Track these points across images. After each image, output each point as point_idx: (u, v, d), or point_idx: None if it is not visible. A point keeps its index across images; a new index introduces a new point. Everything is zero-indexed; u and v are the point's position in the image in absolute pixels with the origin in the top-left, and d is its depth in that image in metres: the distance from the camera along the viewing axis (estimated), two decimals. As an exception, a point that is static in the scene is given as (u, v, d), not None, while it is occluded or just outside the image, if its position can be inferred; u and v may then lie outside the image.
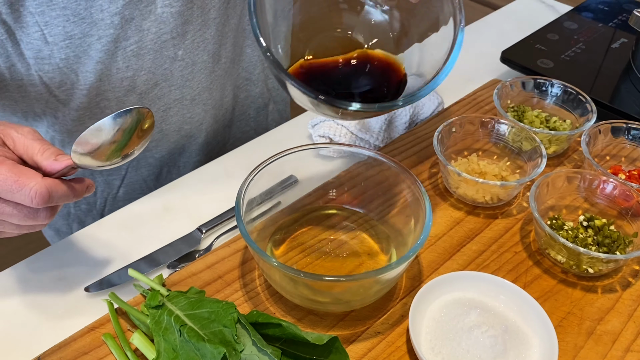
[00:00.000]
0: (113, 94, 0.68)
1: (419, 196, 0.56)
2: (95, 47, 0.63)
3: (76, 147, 0.47)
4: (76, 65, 0.64)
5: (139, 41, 0.65)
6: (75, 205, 0.82)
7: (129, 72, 0.67)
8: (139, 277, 0.54)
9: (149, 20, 0.64)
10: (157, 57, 0.67)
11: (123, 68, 0.66)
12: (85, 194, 0.49)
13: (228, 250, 0.60)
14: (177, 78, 0.71)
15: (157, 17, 0.64)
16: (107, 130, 0.47)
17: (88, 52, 0.63)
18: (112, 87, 0.67)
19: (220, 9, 0.70)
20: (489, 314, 0.52)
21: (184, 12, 0.66)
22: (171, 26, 0.66)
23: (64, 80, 0.65)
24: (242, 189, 0.54)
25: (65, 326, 0.54)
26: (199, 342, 0.45)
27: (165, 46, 0.67)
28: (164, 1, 0.64)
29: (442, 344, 0.50)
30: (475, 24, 1.03)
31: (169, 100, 0.73)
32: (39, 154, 0.48)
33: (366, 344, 0.52)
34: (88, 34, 0.62)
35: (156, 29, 0.65)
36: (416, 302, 0.52)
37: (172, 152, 0.79)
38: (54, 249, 0.62)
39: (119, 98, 0.69)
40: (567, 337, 0.53)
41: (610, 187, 0.62)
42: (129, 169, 0.79)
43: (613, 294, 0.57)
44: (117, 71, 0.66)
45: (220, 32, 0.72)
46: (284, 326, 0.46)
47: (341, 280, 0.49)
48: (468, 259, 0.60)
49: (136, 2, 0.62)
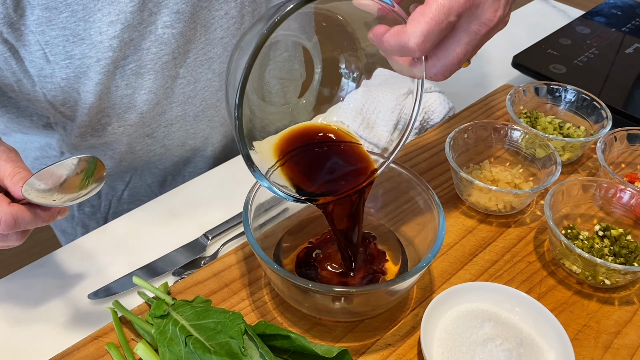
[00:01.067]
0: (114, 111, 0.67)
1: (432, 205, 0.54)
2: (94, 69, 0.62)
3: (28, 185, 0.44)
4: (77, 84, 0.63)
5: (138, 60, 0.63)
6: (79, 208, 0.81)
7: (129, 90, 0.66)
8: (143, 285, 0.52)
9: (149, 40, 0.63)
10: (157, 77, 0.66)
11: (122, 86, 0.65)
12: (57, 218, 0.48)
13: (234, 257, 0.58)
14: (178, 95, 0.70)
15: (158, 37, 0.63)
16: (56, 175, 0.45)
17: (87, 73, 0.62)
18: (112, 104, 0.66)
19: (230, 29, 0.69)
20: (504, 327, 0.51)
21: (186, 33, 0.65)
22: (172, 47, 0.64)
23: (66, 98, 0.65)
24: (250, 196, 0.53)
25: (68, 334, 0.53)
26: (204, 353, 0.44)
27: (167, 66, 0.66)
28: (164, 22, 0.62)
29: (455, 357, 0.49)
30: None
31: (170, 117, 0.71)
32: (9, 178, 0.46)
33: (376, 356, 0.50)
34: (87, 55, 0.61)
35: (156, 49, 0.64)
36: (428, 314, 0.50)
37: (176, 164, 0.78)
38: (58, 255, 0.61)
39: (120, 115, 0.68)
40: (584, 351, 0.52)
41: (627, 196, 0.60)
42: (133, 177, 0.78)
43: (630, 306, 0.56)
44: (117, 89, 0.65)
45: (229, 51, 0.71)
46: (292, 338, 0.45)
47: (351, 292, 0.48)
48: (481, 268, 0.58)
49: (136, 25, 0.60)
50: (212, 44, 0.68)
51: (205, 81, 0.71)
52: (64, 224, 0.84)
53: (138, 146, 0.73)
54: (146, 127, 0.71)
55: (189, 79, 0.69)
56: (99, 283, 0.57)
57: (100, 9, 0.58)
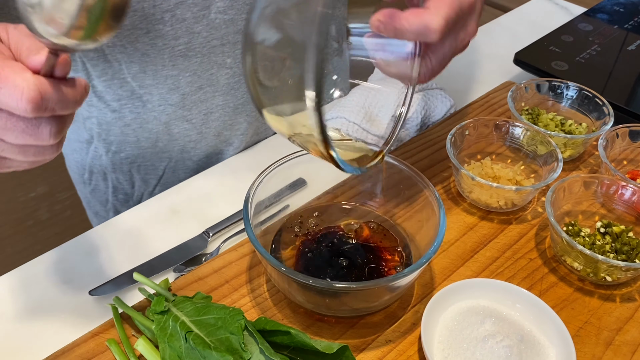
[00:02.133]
0: (156, 89, 0.68)
1: (433, 202, 0.54)
2: (142, 40, 0.62)
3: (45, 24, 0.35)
4: (121, 55, 0.63)
5: (188, 42, 0.64)
6: (114, 194, 0.82)
7: (174, 71, 0.66)
8: (144, 281, 0.52)
9: (201, 24, 0.63)
10: (204, 61, 0.67)
11: (169, 66, 0.66)
12: (84, 96, 0.40)
13: (235, 254, 0.58)
14: (222, 85, 0.70)
15: (210, 22, 0.64)
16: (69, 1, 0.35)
17: (135, 44, 0.62)
18: (156, 82, 0.67)
19: None
20: (504, 323, 0.51)
21: (237, 21, 0.65)
22: (222, 32, 0.65)
23: (105, 69, 0.65)
24: (250, 192, 0.53)
25: (68, 330, 0.53)
26: (205, 349, 0.44)
27: (214, 52, 0.66)
28: (218, 7, 0.63)
29: (456, 354, 0.49)
30: (487, 26, 1.02)
31: (211, 105, 0.72)
32: (26, 50, 0.38)
33: (376, 353, 0.50)
34: (137, 26, 0.61)
35: (207, 34, 0.64)
36: (429, 310, 0.50)
37: (209, 156, 0.78)
38: (59, 252, 0.61)
39: (162, 95, 0.68)
40: (585, 348, 0.51)
41: (629, 193, 0.60)
42: (167, 170, 0.78)
43: (632, 303, 0.55)
44: (163, 68, 0.66)
45: None
46: (292, 334, 0.45)
47: (352, 288, 0.48)
48: (482, 265, 0.58)
49: (190, 4, 0.61)
50: None
51: None
52: (98, 207, 0.85)
53: (176, 128, 0.73)
54: (186, 111, 0.71)
55: (235, 69, 0.69)
56: (100, 279, 0.57)
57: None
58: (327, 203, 0.62)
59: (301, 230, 0.58)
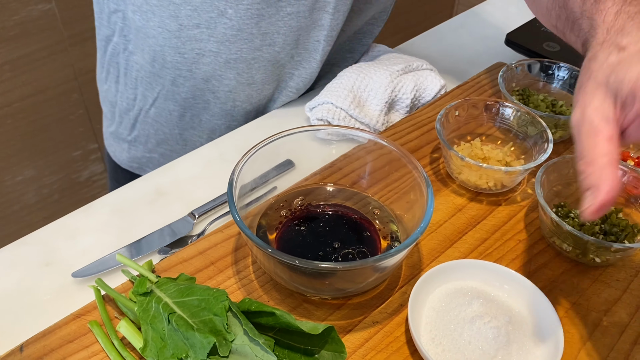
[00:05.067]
0: (159, 10, 0.69)
1: (421, 182, 0.53)
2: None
3: None
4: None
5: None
6: (120, 98, 0.84)
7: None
8: (127, 262, 0.51)
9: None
10: (206, 1, 0.67)
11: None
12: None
13: (221, 235, 0.57)
14: (219, 33, 0.70)
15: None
16: None
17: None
18: (160, 4, 0.68)
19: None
20: (492, 304, 0.50)
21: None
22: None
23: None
24: (235, 172, 0.52)
25: (51, 313, 0.52)
26: (187, 331, 0.43)
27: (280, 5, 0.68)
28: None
29: (443, 335, 0.48)
30: (479, 7, 1.00)
31: (204, 48, 0.72)
32: None
33: (363, 334, 0.50)
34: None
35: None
36: (416, 291, 0.49)
37: (197, 98, 0.78)
38: (42, 233, 0.60)
39: (162, 19, 0.69)
40: (573, 329, 0.51)
41: (619, 174, 0.60)
42: (160, 95, 0.79)
43: (620, 284, 0.55)
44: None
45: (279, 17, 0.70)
46: (277, 315, 0.44)
47: (338, 268, 0.47)
48: (470, 246, 0.58)
49: None
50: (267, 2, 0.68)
51: (248, 34, 0.70)
52: (108, 106, 0.88)
53: (169, 57, 0.74)
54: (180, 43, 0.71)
55: (234, 22, 0.69)
56: (84, 261, 0.57)
57: None
58: (314, 185, 0.61)
59: (288, 212, 0.57)
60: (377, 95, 0.73)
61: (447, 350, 0.47)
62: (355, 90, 0.73)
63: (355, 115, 0.72)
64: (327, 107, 0.72)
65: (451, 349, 0.47)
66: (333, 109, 0.72)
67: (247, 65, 0.74)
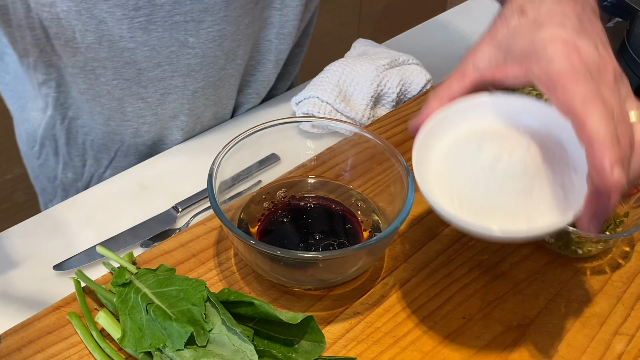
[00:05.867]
0: (111, 63, 0.64)
1: (403, 174, 0.53)
2: (100, 7, 0.58)
3: None
4: (76, 21, 0.60)
5: (150, 15, 0.61)
6: (63, 171, 0.79)
7: (132, 43, 0.62)
8: (107, 254, 0.51)
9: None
10: (164, 37, 0.63)
11: (127, 38, 0.62)
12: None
13: (203, 228, 0.57)
14: (182, 65, 0.67)
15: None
16: None
17: (92, 10, 0.59)
18: (112, 55, 0.63)
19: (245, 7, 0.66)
20: (501, 139, 0.43)
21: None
22: (186, 8, 0.62)
23: (59, 33, 0.61)
24: (215, 162, 0.52)
25: (32, 305, 0.52)
26: (165, 321, 0.43)
27: (177, 28, 0.63)
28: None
29: (468, 197, 0.42)
30: (467, 3, 1.01)
31: (169, 85, 0.68)
32: None
33: (344, 325, 0.50)
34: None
35: (170, 7, 0.61)
36: (417, 164, 0.43)
37: (163, 141, 0.75)
38: (23, 226, 0.60)
39: (117, 69, 0.65)
40: (554, 320, 0.51)
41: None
42: (118, 153, 0.76)
43: (602, 275, 0.55)
44: (120, 39, 0.62)
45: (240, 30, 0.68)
46: (256, 305, 0.44)
47: (318, 257, 0.47)
48: (453, 238, 0.57)
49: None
50: (227, 21, 0.65)
51: (213, 57, 0.68)
52: (45, 182, 0.82)
53: (129, 107, 0.69)
54: (141, 88, 0.68)
55: (197, 50, 0.66)
56: (65, 255, 0.56)
57: None
58: (298, 177, 0.61)
59: (270, 204, 0.57)
60: (362, 90, 0.73)
61: (479, 210, 0.42)
62: (341, 85, 0.73)
63: (341, 109, 0.72)
64: (312, 101, 0.72)
65: (482, 206, 0.42)
66: (319, 103, 0.72)
67: (214, 89, 0.71)
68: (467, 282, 0.54)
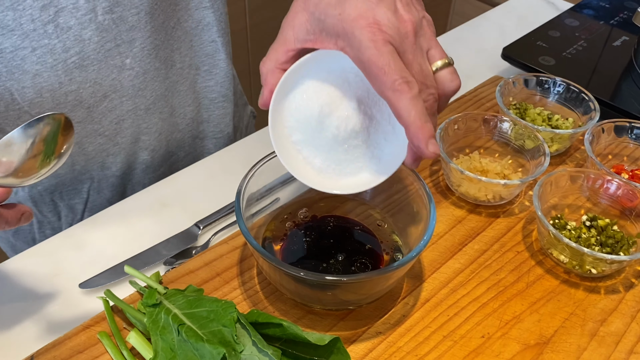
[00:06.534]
0: (58, 110, 0.62)
1: (423, 195, 0.55)
2: (30, 60, 0.58)
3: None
4: (9, 82, 0.59)
5: (80, 51, 0.60)
6: (40, 230, 0.78)
7: (73, 85, 0.61)
8: (135, 274, 0.52)
9: (89, 29, 0.59)
10: (102, 68, 0.62)
11: (66, 82, 0.61)
12: (20, 223, 0.45)
13: (226, 247, 0.58)
14: (127, 88, 0.66)
15: (98, 24, 0.59)
16: (18, 144, 0.42)
17: (23, 67, 0.58)
18: (57, 104, 0.62)
19: (167, 12, 0.66)
20: (336, 102, 0.48)
21: (127, 17, 0.61)
22: (114, 33, 0.61)
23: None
24: (242, 184, 0.53)
25: (59, 324, 0.53)
26: (197, 342, 0.44)
27: (111, 55, 0.62)
28: (103, 8, 0.59)
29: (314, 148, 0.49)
30: (475, 20, 1.02)
31: (121, 112, 0.68)
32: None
33: (367, 344, 0.51)
34: (20, 46, 0.56)
35: (98, 38, 0.60)
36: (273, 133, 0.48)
37: (132, 166, 0.75)
38: (48, 244, 0.61)
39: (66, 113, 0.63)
40: (570, 339, 0.52)
41: (614, 187, 0.61)
42: (91, 192, 0.75)
43: (616, 294, 0.57)
44: (60, 85, 0.61)
45: (170, 36, 0.68)
46: (284, 326, 0.45)
47: (343, 280, 0.48)
48: (470, 258, 0.59)
49: (71, 9, 0.57)
50: (156, 30, 0.65)
51: (154, 70, 0.68)
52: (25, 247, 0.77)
53: (89, 146, 0.69)
54: (96, 124, 0.67)
55: (137, 69, 0.66)
56: (90, 273, 0.57)
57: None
58: (317, 196, 0.63)
59: (292, 224, 0.59)
60: None
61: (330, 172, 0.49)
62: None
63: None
64: None
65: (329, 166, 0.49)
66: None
67: (165, 101, 0.71)
68: (485, 302, 0.55)
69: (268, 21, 1.73)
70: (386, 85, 0.42)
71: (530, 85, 0.76)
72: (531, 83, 0.76)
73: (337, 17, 0.43)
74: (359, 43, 0.42)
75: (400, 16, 0.43)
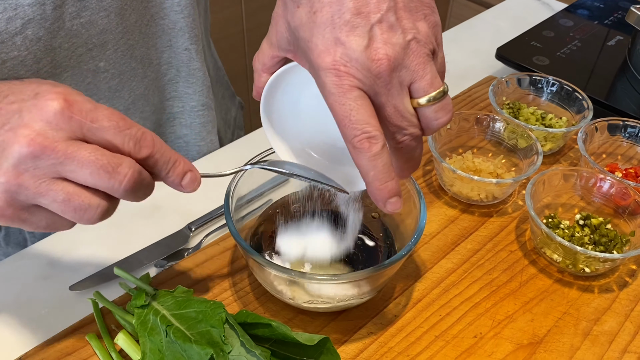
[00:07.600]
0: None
1: (413, 194, 0.54)
2: (1, 73, 0.56)
3: None
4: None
5: (53, 60, 0.59)
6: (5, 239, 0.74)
7: None
8: (124, 275, 0.52)
9: (59, 37, 0.58)
10: (76, 74, 0.61)
11: None
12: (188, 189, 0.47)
13: (217, 248, 0.58)
14: (104, 91, 0.65)
15: (67, 31, 0.58)
16: None
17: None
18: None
19: (139, 10, 0.64)
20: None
21: (97, 21, 0.60)
22: (84, 38, 0.60)
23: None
24: (231, 186, 0.53)
25: (49, 326, 0.52)
26: (185, 342, 0.43)
27: (83, 60, 0.61)
28: (70, 14, 0.57)
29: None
30: (470, 21, 1.02)
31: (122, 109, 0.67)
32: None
33: (358, 345, 0.51)
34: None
35: (68, 44, 0.59)
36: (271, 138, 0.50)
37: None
38: (38, 247, 0.61)
39: None
40: (564, 338, 0.52)
41: (607, 185, 0.61)
42: None
43: (610, 293, 0.56)
44: None
45: (145, 34, 0.67)
46: (273, 326, 0.45)
47: (332, 280, 0.48)
48: (463, 257, 0.59)
49: (39, 20, 0.55)
50: (129, 31, 0.64)
51: (130, 70, 0.67)
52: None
53: None
54: None
55: (112, 71, 0.65)
56: (80, 275, 0.57)
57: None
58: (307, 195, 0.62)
59: (283, 220, 0.58)
60: None
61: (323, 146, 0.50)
62: None
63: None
64: None
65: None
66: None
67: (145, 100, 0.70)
68: (477, 302, 0.54)
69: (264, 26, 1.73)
70: (347, 138, 0.39)
71: (524, 85, 0.76)
72: (524, 82, 0.76)
73: (306, 43, 0.40)
74: (322, 85, 0.39)
75: (374, 52, 0.38)
